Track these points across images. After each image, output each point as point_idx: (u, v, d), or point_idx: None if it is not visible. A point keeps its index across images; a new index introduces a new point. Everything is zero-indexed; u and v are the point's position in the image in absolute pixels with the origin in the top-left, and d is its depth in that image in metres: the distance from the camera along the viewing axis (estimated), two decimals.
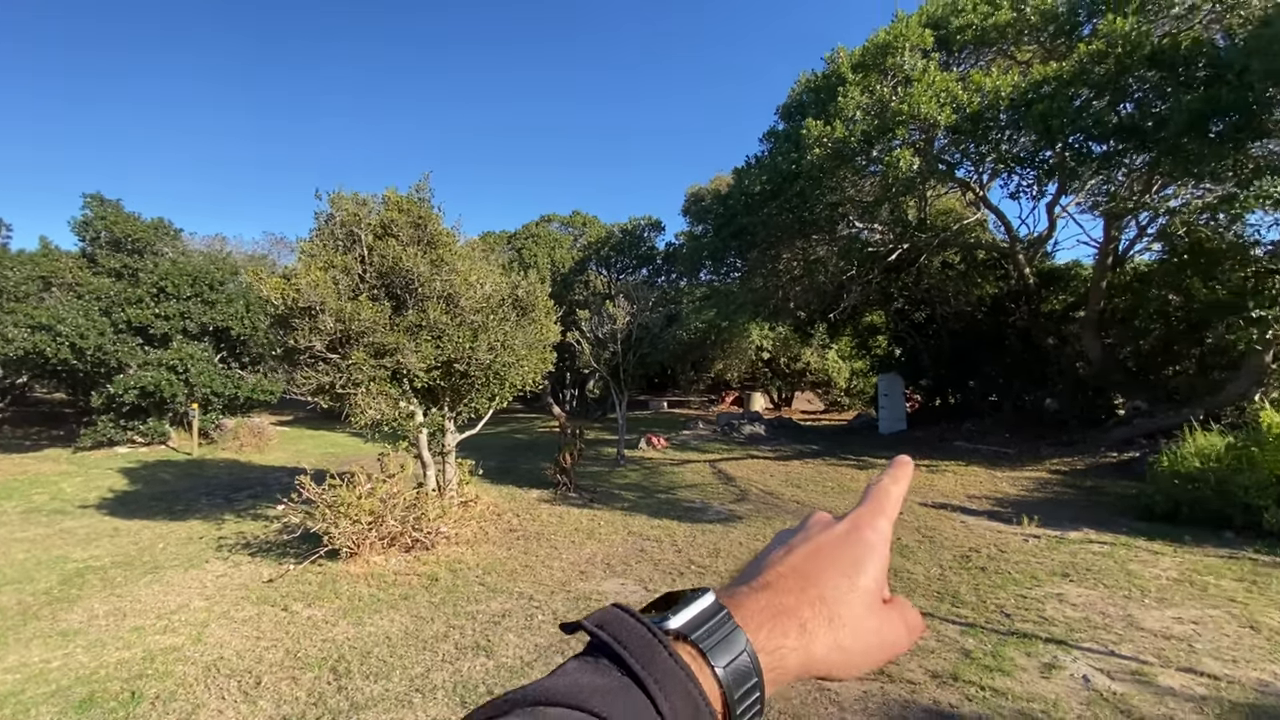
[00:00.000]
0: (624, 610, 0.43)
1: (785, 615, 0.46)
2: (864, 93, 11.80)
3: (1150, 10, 10.81)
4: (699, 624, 0.44)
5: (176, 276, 16.74)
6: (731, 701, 0.42)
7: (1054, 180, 12.45)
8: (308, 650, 4.86)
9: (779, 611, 0.47)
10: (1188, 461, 8.17)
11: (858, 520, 0.54)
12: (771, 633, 0.45)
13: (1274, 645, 4.55)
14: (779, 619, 0.46)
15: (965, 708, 3.83)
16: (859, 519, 0.54)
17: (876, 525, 0.53)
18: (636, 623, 0.42)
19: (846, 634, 0.47)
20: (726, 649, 0.43)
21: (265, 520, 8.79)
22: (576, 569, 6.75)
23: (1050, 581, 6.00)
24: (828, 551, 0.51)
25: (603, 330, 13.21)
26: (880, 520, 0.54)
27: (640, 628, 0.42)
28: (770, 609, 0.47)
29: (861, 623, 0.48)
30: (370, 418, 7.20)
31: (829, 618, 0.47)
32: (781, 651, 0.45)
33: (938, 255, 17.25)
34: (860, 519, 0.54)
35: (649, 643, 0.41)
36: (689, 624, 0.43)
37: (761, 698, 0.43)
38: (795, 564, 0.50)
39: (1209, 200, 11.67)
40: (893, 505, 0.55)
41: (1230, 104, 9.49)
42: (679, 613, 0.44)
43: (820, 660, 0.46)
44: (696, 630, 0.43)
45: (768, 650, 0.45)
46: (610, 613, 0.43)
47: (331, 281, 7.14)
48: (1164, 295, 13.56)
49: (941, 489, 10.41)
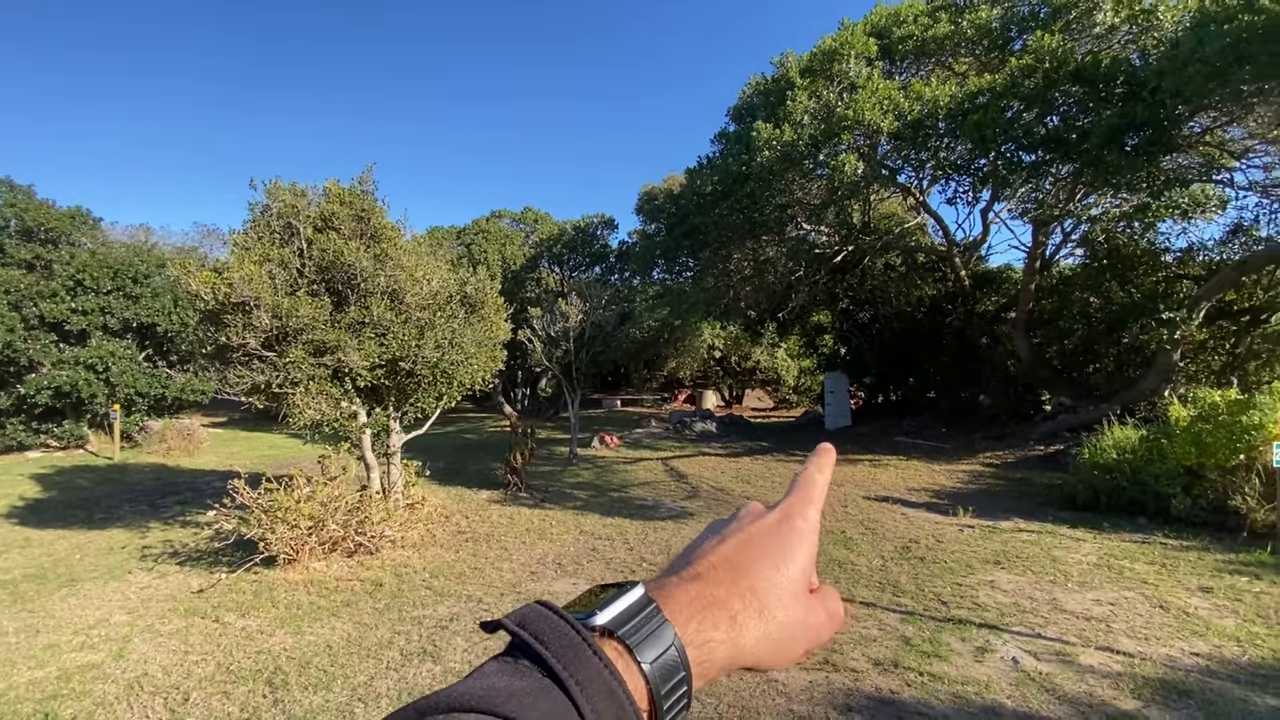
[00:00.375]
0: (547, 607, 0.42)
1: (715, 607, 0.46)
2: (811, 97, 12.10)
3: (1075, 29, 11.49)
4: (626, 619, 0.43)
5: (95, 269, 15.66)
6: (658, 697, 0.41)
7: (988, 187, 13.09)
8: (241, 663, 4.63)
9: (709, 603, 0.46)
10: (1106, 454, 8.72)
11: (789, 510, 0.54)
12: (701, 625, 0.45)
13: (1181, 623, 4.91)
14: (709, 611, 0.46)
15: (905, 693, 3.98)
16: (790, 508, 0.54)
17: (806, 514, 0.54)
18: (560, 620, 0.41)
19: (775, 625, 0.48)
20: (654, 644, 0.42)
21: (195, 527, 8.33)
22: (527, 570, 6.67)
23: (983, 569, 6.30)
24: (759, 541, 0.51)
25: (555, 328, 13.09)
26: (810, 509, 0.55)
27: (563, 625, 0.40)
28: (700, 600, 0.46)
29: (789, 613, 0.49)
30: (309, 418, 6.91)
31: (759, 609, 0.47)
32: (710, 644, 0.45)
33: (881, 257, 17.87)
34: (791, 508, 0.54)
35: (572, 641, 0.40)
36: (616, 619, 0.43)
37: (689, 692, 0.43)
38: (727, 554, 0.50)
39: (1125, 209, 12.51)
40: (819, 493, 0.57)
41: (1144, 120, 10.18)
42: (606, 608, 0.43)
43: (748, 651, 0.46)
44: (624, 625, 0.42)
45: (696, 644, 0.44)
46: (533, 610, 0.42)
47: (267, 276, 6.82)
48: (1085, 298, 14.45)
49: (884, 482, 10.79)
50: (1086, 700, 3.83)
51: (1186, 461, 7.82)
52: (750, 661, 0.47)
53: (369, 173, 8.07)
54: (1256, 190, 12.39)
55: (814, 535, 0.53)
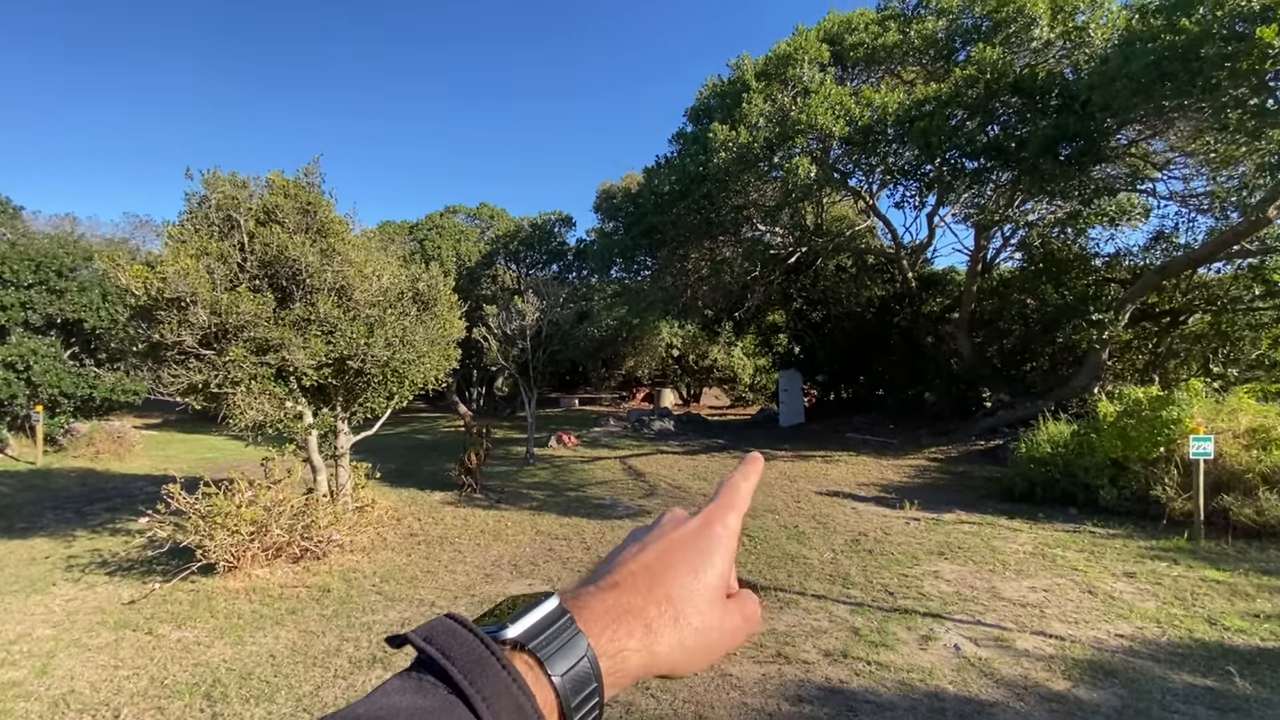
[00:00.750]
0: (456, 620, 0.41)
1: (631, 615, 0.46)
2: (766, 101, 12.30)
3: (1014, 43, 12.04)
4: (539, 631, 0.42)
5: (15, 261, 14.62)
6: (568, 710, 0.41)
7: (933, 192, 13.57)
8: (176, 676, 4.41)
9: (625, 612, 0.46)
10: (1041, 448, 9.18)
11: (709, 516, 0.54)
12: (615, 634, 0.45)
13: (1107, 607, 5.21)
14: (624, 620, 0.46)
15: (854, 682, 4.09)
16: (711, 515, 0.55)
17: (726, 520, 0.54)
18: (468, 633, 0.40)
19: (690, 631, 0.48)
20: (566, 656, 0.42)
21: (126, 535, 7.89)
22: (482, 572, 6.57)
23: (928, 560, 6.55)
24: (678, 548, 0.51)
25: (511, 326, 12.93)
26: (730, 515, 0.55)
27: (471, 639, 0.40)
28: (616, 609, 0.46)
29: (705, 619, 0.49)
30: (251, 419, 6.63)
31: (674, 616, 0.47)
32: (624, 654, 0.45)
33: (832, 259, 18.34)
34: (712, 515, 0.55)
35: (479, 655, 0.39)
36: (527, 632, 0.42)
37: (600, 703, 0.43)
38: (646, 561, 0.50)
39: (1059, 215, 13.18)
40: (743, 500, 0.57)
41: (1076, 131, 10.75)
42: (518, 620, 0.42)
43: (663, 659, 0.46)
44: (536, 638, 0.42)
45: (609, 654, 0.44)
46: (440, 624, 0.41)
47: (205, 270, 6.50)
48: (1023, 299, 15.18)
49: (835, 478, 11.08)
50: (1022, 683, 4.02)
51: (1113, 454, 8.30)
52: (666, 669, 0.47)
53: (315, 164, 7.79)
54: (1176, 200, 13.27)
55: (733, 541, 0.54)
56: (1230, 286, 13.55)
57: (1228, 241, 11.35)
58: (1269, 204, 10.00)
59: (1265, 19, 7.89)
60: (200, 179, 7.21)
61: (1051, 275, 14.66)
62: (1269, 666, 4.13)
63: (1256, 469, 7.32)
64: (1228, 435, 7.76)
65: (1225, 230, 11.38)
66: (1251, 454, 7.53)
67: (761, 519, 8.21)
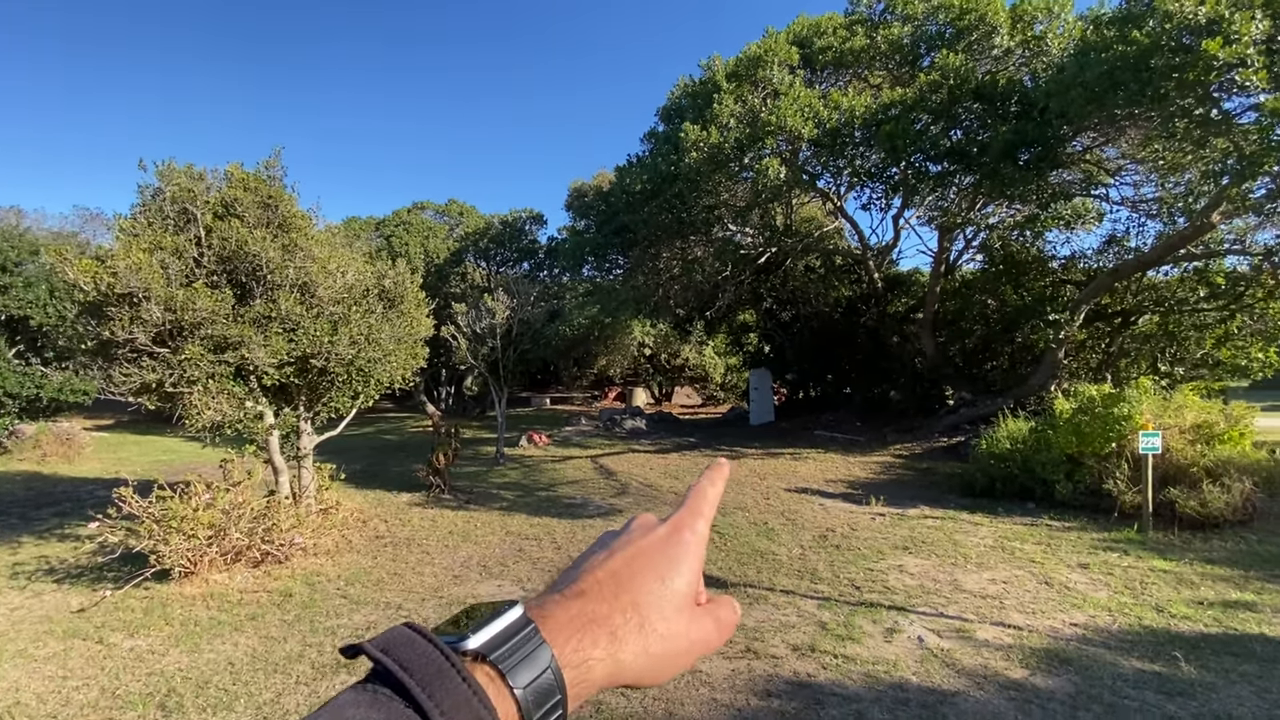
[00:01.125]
0: (415, 630, 0.39)
1: (596, 624, 0.45)
2: (737, 102, 12.40)
3: (976, 50, 12.36)
4: (501, 641, 0.41)
5: None
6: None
7: (899, 195, 13.86)
8: (129, 686, 4.25)
9: (590, 620, 0.45)
10: (1000, 444, 9.45)
11: (678, 523, 0.54)
12: (580, 644, 0.44)
13: (1063, 597, 5.40)
14: (589, 628, 0.45)
15: (821, 675, 4.16)
16: (679, 522, 0.54)
17: (695, 527, 0.54)
18: (427, 644, 0.38)
19: (655, 639, 0.47)
20: (529, 667, 0.41)
21: (75, 541, 7.57)
22: (450, 573, 6.48)
23: (893, 554, 6.69)
24: (646, 555, 0.51)
25: (481, 325, 12.78)
26: (699, 522, 0.54)
27: (431, 649, 0.38)
28: (581, 618, 0.45)
29: (671, 626, 0.48)
30: (209, 420, 6.42)
31: (640, 624, 0.47)
32: (589, 664, 0.44)
33: (801, 259, 18.58)
34: (680, 521, 0.54)
35: (439, 667, 0.37)
36: (489, 642, 0.41)
37: (564, 715, 0.42)
38: (614, 568, 0.49)
39: (1018, 219, 13.58)
40: (709, 507, 0.56)
41: (1035, 137, 11.08)
42: (480, 630, 0.41)
43: (628, 667, 0.46)
44: (498, 648, 0.41)
45: (574, 664, 0.43)
46: (398, 633, 0.39)
47: (159, 265, 6.27)
48: (984, 300, 15.60)
49: (803, 475, 11.23)
50: (982, 672, 4.14)
51: (1069, 450, 8.60)
52: (631, 678, 0.46)
53: (277, 157, 7.57)
54: (1127, 205, 13.79)
55: (701, 548, 0.53)
56: (1177, 288, 14.14)
57: (1175, 245, 11.85)
58: (1212, 210, 10.47)
59: (1210, 32, 8.25)
60: (154, 170, 6.95)
61: (1011, 277, 15.11)
62: (1211, 651, 4.33)
63: (1200, 463, 7.66)
64: (1174, 431, 8.10)
65: (1172, 235, 11.87)
66: (1196, 449, 7.88)
67: (731, 516, 8.27)
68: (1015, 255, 15.10)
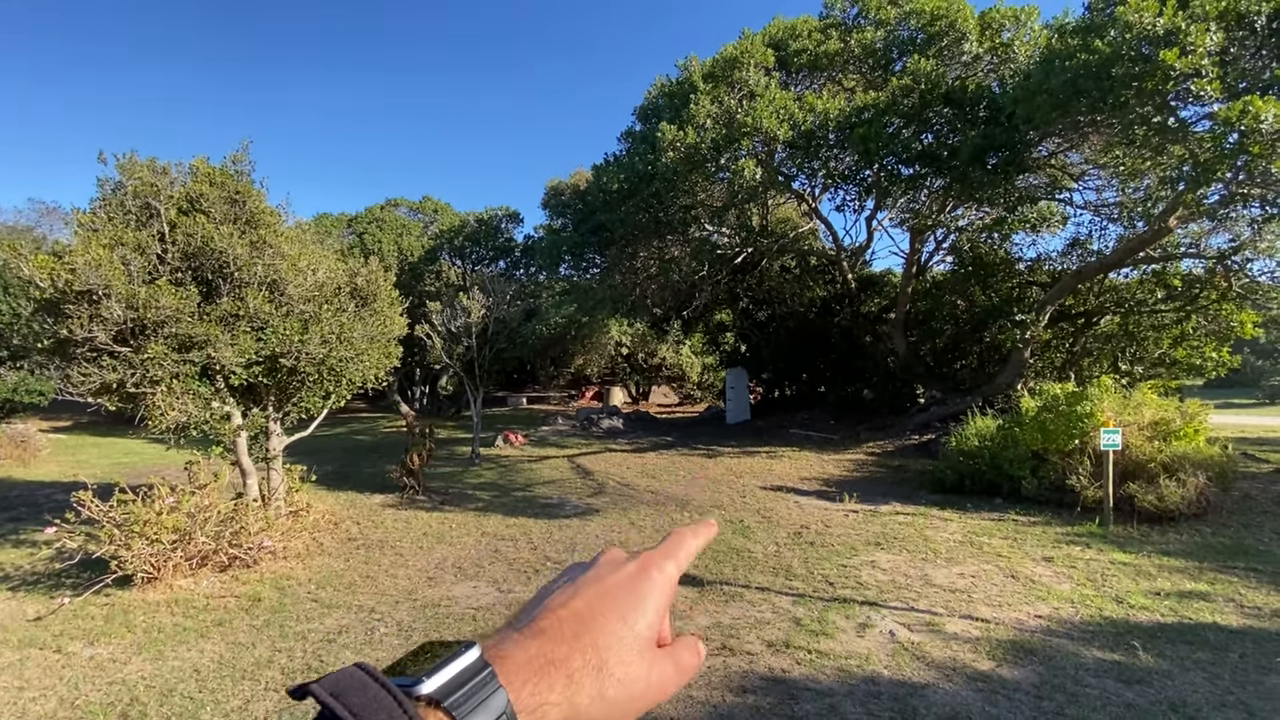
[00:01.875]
0: (366, 672, 0.38)
1: (554, 666, 0.44)
2: (713, 102, 12.46)
3: (946, 56, 12.61)
4: (457, 685, 0.40)
5: None
6: None
7: (872, 197, 14.09)
8: (89, 696, 4.11)
9: (548, 662, 0.44)
10: (969, 441, 9.67)
11: (647, 561, 0.53)
12: (536, 688, 0.43)
13: (1028, 590, 5.55)
14: (546, 671, 0.44)
15: (795, 671, 4.21)
16: (649, 560, 0.53)
17: (664, 568, 0.53)
18: (379, 688, 0.37)
19: (612, 683, 0.46)
20: (483, 713, 0.39)
21: (31, 547, 7.29)
22: (424, 575, 6.41)
23: (866, 551, 6.80)
24: (612, 594, 0.49)
25: (456, 324, 12.64)
26: (669, 564, 0.53)
27: (383, 695, 0.37)
28: (539, 659, 0.44)
29: (630, 670, 0.47)
30: (173, 421, 6.24)
31: (598, 666, 0.45)
32: (545, 708, 0.42)
33: (777, 259, 18.76)
34: (650, 560, 0.53)
35: (390, 715, 0.36)
36: (445, 686, 0.39)
37: None
38: (576, 608, 0.48)
39: (987, 221, 13.89)
40: (685, 555, 0.55)
41: (1002, 142, 11.35)
42: (435, 673, 0.40)
43: (583, 711, 0.44)
44: (454, 693, 0.39)
45: (529, 709, 0.42)
46: (349, 675, 0.38)
47: (120, 261, 6.07)
48: (954, 301, 15.94)
49: (779, 473, 11.35)
50: (951, 664, 4.23)
51: (1034, 447, 8.83)
52: None
53: (244, 151, 7.39)
54: (1090, 209, 14.22)
55: (670, 589, 0.52)
56: (1136, 290, 14.64)
57: (1134, 248, 12.25)
58: (1169, 214, 10.85)
59: (1168, 43, 8.54)
60: (115, 164, 6.73)
61: (980, 278, 15.47)
62: (1168, 640, 4.50)
63: (1158, 459, 7.93)
64: (1134, 428, 8.38)
65: (1132, 238, 12.28)
66: (1154, 445, 8.16)
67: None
68: (984, 257, 15.46)
